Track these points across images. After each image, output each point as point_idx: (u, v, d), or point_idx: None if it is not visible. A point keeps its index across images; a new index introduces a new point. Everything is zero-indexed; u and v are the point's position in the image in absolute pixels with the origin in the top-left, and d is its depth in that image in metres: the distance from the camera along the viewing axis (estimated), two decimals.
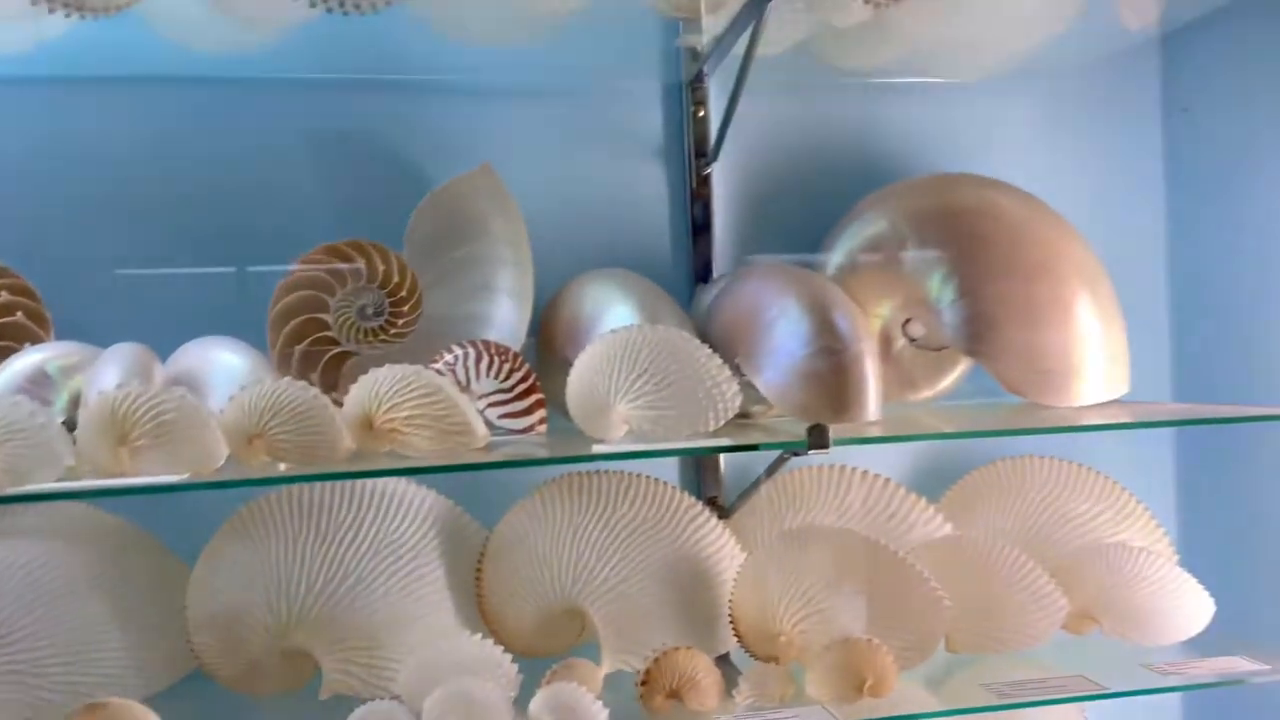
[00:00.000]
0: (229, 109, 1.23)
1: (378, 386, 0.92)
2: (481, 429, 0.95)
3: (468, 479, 1.20)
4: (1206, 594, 1.18)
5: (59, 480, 0.83)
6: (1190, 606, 1.19)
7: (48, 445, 0.82)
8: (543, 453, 1.01)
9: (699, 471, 1.33)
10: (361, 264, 1.14)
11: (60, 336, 1.10)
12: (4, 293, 1.09)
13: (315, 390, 0.89)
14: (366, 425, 0.93)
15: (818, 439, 0.92)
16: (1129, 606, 1.19)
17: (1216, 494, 1.39)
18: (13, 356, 1.04)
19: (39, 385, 0.99)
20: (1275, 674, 1.13)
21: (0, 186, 1.17)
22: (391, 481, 1.15)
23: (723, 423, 0.98)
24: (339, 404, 0.95)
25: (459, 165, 1.23)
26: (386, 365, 0.95)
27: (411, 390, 0.92)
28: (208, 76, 1.20)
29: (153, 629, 1.11)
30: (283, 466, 0.92)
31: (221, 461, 0.87)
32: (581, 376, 1.00)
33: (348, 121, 1.26)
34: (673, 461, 1.33)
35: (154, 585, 1.12)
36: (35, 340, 1.08)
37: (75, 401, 0.98)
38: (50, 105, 1.19)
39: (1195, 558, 1.33)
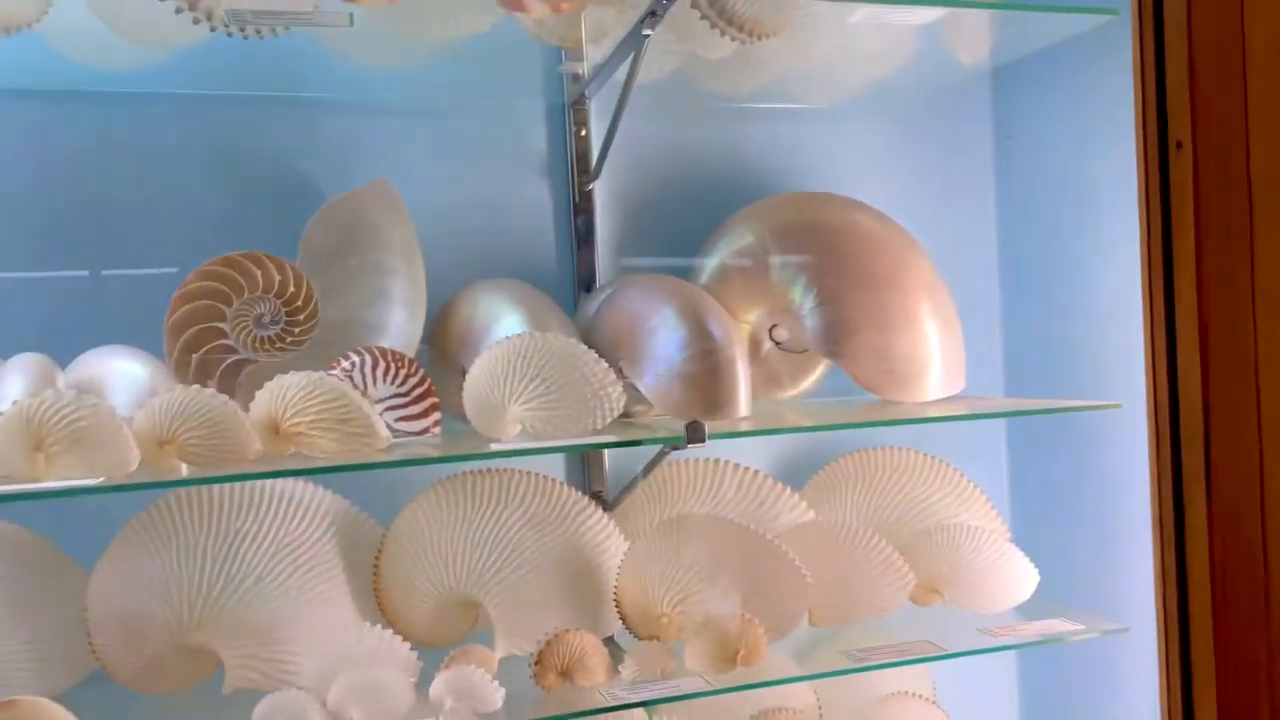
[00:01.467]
0: (128, 124, 1.25)
1: (284, 392, 0.98)
2: (384, 431, 1.01)
3: (365, 480, 1.26)
4: (1033, 566, 1.35)
5: None
6: (1019, 577, 1.35)
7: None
8: (439, 453, 1.08)
9: (584, 468, 1.42)
10: (258, 274, 1.18)
11: None
12: None
13: (225, 397, 0.94)
14: (273, 429, 0.98)
15: (694, 434, 1.02)
16: (967, 579, 1.35)
17: (1042, 476, 1.57)
18: None
19: None
20: (1090, 633, 1.30)
21: None
22: (290, 483, 1.20)
23: (609, 422, 1.07)
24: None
25: (354, 180, 1.29)
26: (291, 372, 1.00)
27: (316, 396, 0.98)
28: (106, 92, 1.22)
29: (51, 632, 1.12)
30: (185, 469, 0.96)
31: (134, 466, 0.91)
32: (477, 380, 1.08)
33: (244, 136, 1.29)
34: (559, 459, 1.41)
35: (52, 590, 1.14)
36: None
37: None
38: None
39: (1025, 533, 1.51)
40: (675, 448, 1.07)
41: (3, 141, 1.20)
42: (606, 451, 1.41)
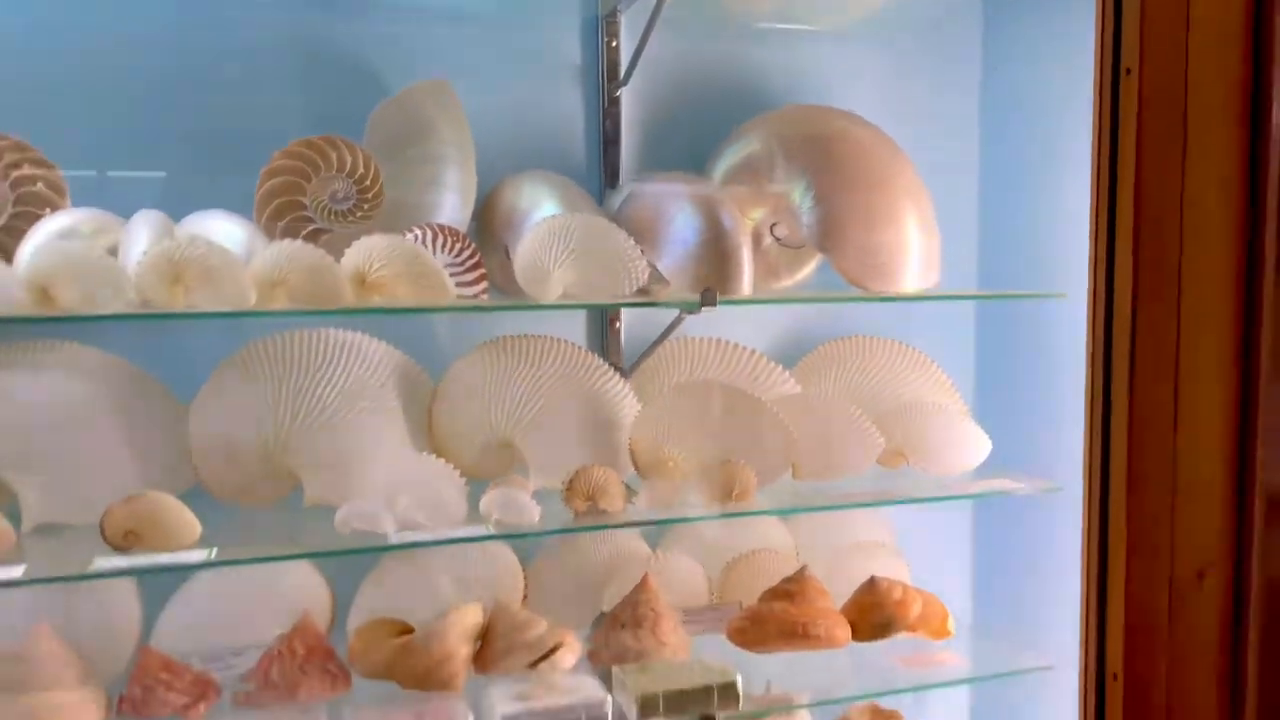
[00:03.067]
0: (216, 18, 1.42)
1: (371, 250, 1.18)
2: (452, 286, 1.22)
3: (420, 340, 1.48)
4: (986, 436, 1.57)
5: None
6: (974, 446, 1.58)
7: (116, 279, 1.04)
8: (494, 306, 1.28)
9: (603, 341, 1.62)
10: (334, 155, 1.37)
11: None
12: (26, 165, 1.27)
13: (323, 251, 1.14)
14: (360, 280, 1.19)
15: (707, 299, 1.23)
16: (929, 446, 1.57)
17: (1006, 361, 1.78)
18: (42, 220, 1.23)
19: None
20: (1030, 489, 1.53)
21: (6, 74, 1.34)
22: (360, 337, 1.41)
23: (636, 287, 1.28)
24: None
25: (410, 77, 1.47)
26: (376, 234, 1.20)
27: (398, 254, 1.18)
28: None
29: (155, 450, 1.34)
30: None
31: (252, 302, 1.12)
32: (528, 251, 1.28)
33: (316, 40, 1.46)
34: (583, 333, 1.62)
35: (155, 414, 1.35)
36: (55, 207, 1.28)
37: (111, 255, 1.19)
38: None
39: (986, 409, 1.73)
40: (690, 312, 1.28)
41: (99, 24, 1.36)
42: (622, 328, 1.62)
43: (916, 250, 1.56)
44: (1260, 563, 1.31)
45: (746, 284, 1.40)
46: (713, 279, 1.38)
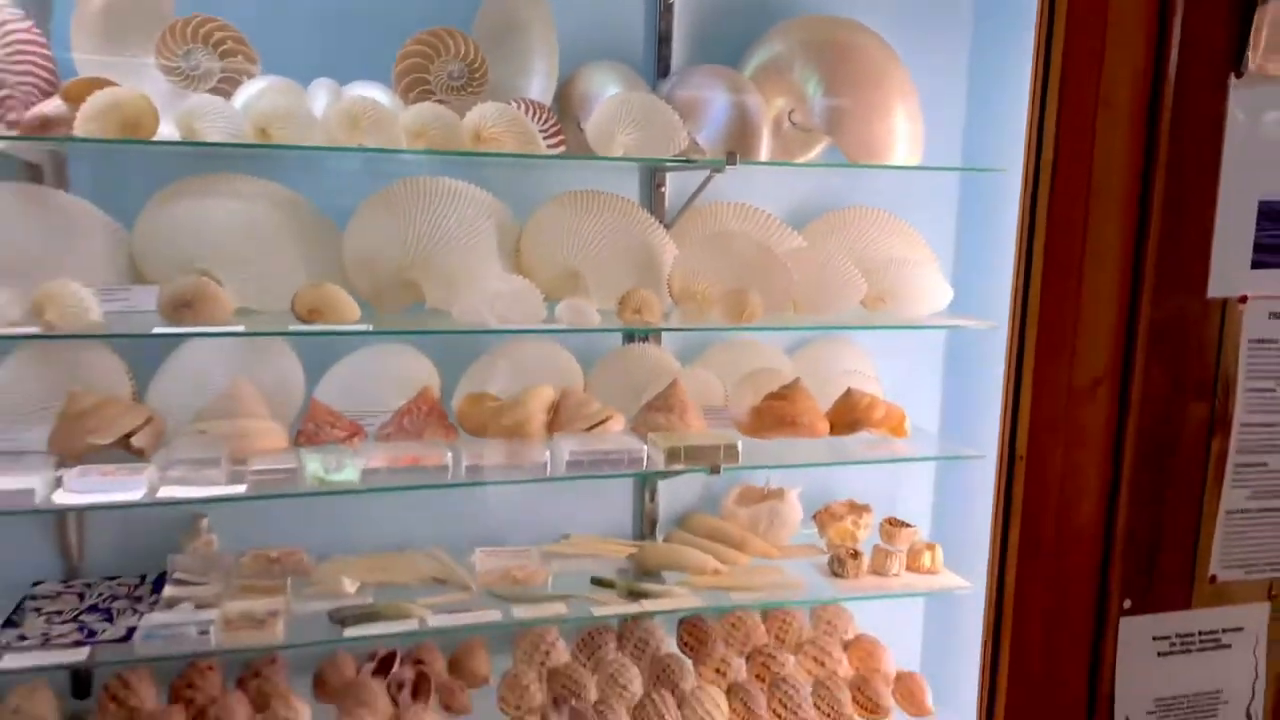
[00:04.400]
0: None
1: (485, 112, 1.62)
2: (543, 143, 1.66)
3: (512, 189, 1.92)
4: (949, 286, 2.00)
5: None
6: (939, 293, 2.00)
7: (313, 125, 1.49)
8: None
9: (650, 199, 2.05)
10: (451, 43, 1.80)
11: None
12: (229, 41, 1.72)
13: (454, 114, 1.58)
14: (476, 136, 1.63)
15: (730, 159, 1.66)
16: (903, 292, 2.00)
17: (985, 227, 2.17)
18: (243, 83, 1.68)
19: None
20: (981, 325, 1.95)
21: None
22: (469, 186, 1.85)
23: (679, 150, 1.71)
24: None
25: None
26: (489, 101, 1.64)
27: (505, 116, 1.62)
28: None
29: (319, 266, 1.81)
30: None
31: (405, 144, 1.57)
32: (598, 119, 1.71)
33: None
34: (635, 192, 2.05)
35: (317, 235, 1.82)
36: (250, 75, 1.72)
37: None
38: None
39: (965, 266, 2.14)
40: (718, 170, 1.71)
41: None
42: (666, 190, 2.05)
43: (903, 135, 1.97)
44: (1141, 379, 1.73)
45: (764, 152, 1.82)
46: (738, 143, 1.80)
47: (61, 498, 1.50)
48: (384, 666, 1.94)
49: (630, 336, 2.08)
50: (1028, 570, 1.78)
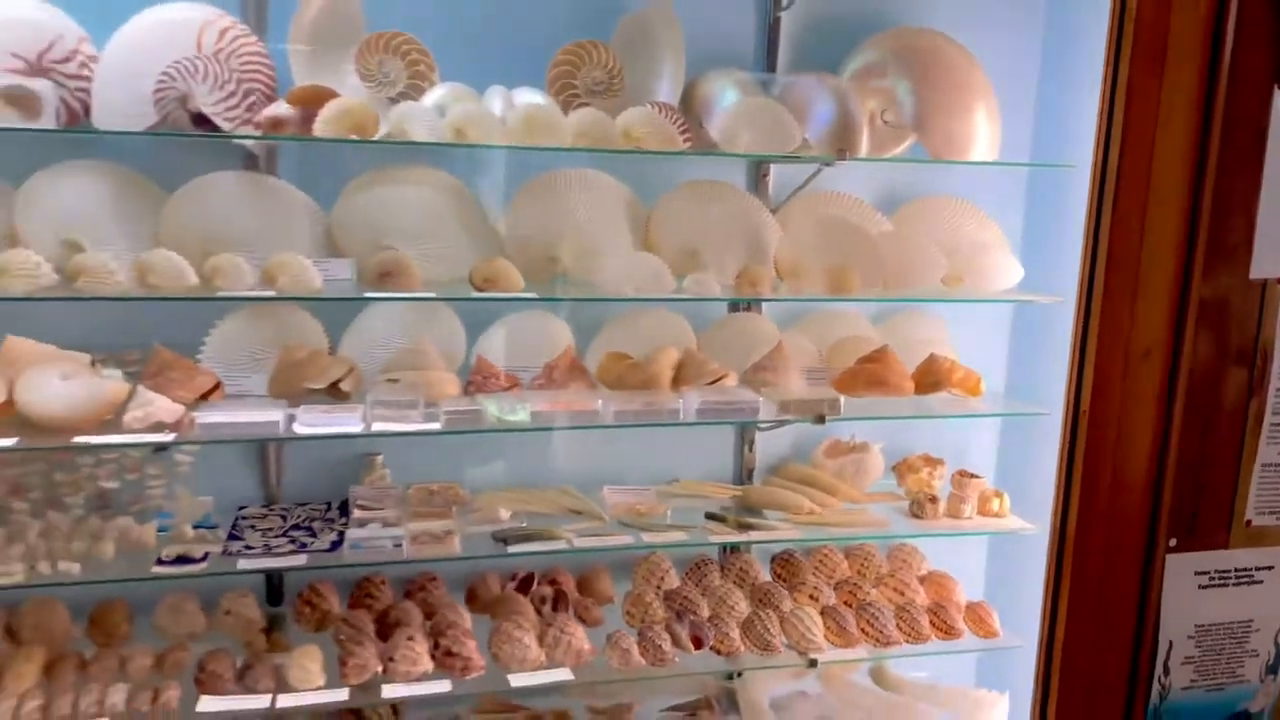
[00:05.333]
0: None
1: (631, 116, 1.93)
2: (680, 140, 1.97)
3: (640, 177, 2.22)
4: (1020, 265, 2.28)
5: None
6: (1011, 272, 2.29)
7: (495, 126, 1.82)
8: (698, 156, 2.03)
9: (757, 187, 2.35)
10: (595, 53, 2.10)
11: None
12: (414, 52, 2.04)
13: (604, 114, 1.89)
14: (626, 134, 1.94)
15: (841, 155, 1.96)
16: (979, 272, 2.29)
17: (1052, 216, 2.45)
18: (427, 89, 2.00)
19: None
20: (1049, 300, 2.23)
21: None
22: (606, 176, 2.16)
23: (794, 147, 2.01)
24: None
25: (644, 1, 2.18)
26: (634, 106, 1.95)
27: (649, 119, 1.93)
28: None
29: (477, 242, 2.13)
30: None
31: (569, 141, 1.88)
32: (727, 120, 2.02)
33: None
34: (743, 180, 2.34)
35: (475, 218, 2.14)
36: (431, 81, 2.04)
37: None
38: None
39: (1029, 245, 2.42)
40: (828, 164, 2.01)
41: None
42: (770, 180, 2.35)
43: (982, 133, 2.25)
44: (1189, 347, 2.00)
45: (863, 148, 2.12)
46: (841, 143, 2.10)
47: (299, 429, 1.84)
48: (524, 585, 2.28)
49: (735, 306, 2.39)
50: (1087, 512, 2.07)
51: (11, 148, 1.90)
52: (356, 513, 2.12)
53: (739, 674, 2.54)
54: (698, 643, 2.11)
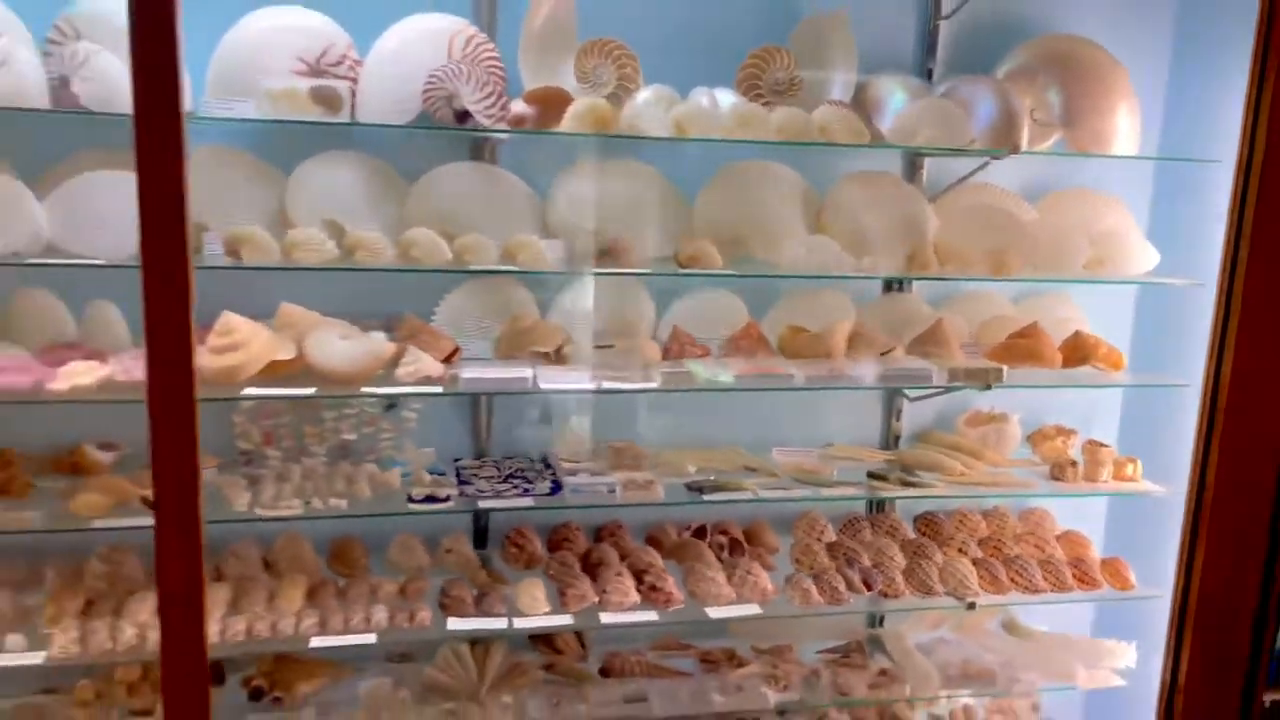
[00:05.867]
0: None
1: (826, 113, 2.17)
2: (867, 134, 2.21)
3: (813, 169, 2.47)
4: (1155, 250, 2.50)
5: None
6: (1147, 257, 2.51)
7: (712, 121, 2.07)
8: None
9: (913, 180, 2.59)
10: (779, 57, 2.35)
11: None
12: (624, 58, 2.29)
13: (798, 111, 2.14)
14: (820, 129, 2.19)
15: (1013, 149, 2.19)
16: (1119, 256, 2.51)
17: (1180, 208, 2.67)
18: (636, 90, 2.26)
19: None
20: (1188, 284, 2.45)
21: None
22: (783, 167, 2.42)
23: (967, 142, 2.25)
24: None
25: (819, 8, 2.42)
26: (824, 104, 2.20)
27: (841, 116, 2.18)
28: None
29: (670, 228, 2.39)
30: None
31: (735, 137, 2.14)
32: (905, 117, 2.26)
33: None
34: (900, 171, 2.58)
35: (671, 204, 2.40)
36: (635, 84, 2.30)
37: None
38: None
39: (1159, 232, 2.64)
40: (997, 157, 2.24)
41: None
42: (925, 171, 2.58)
43: (1123, 129, 2.47)
44: None
45: (1024, 142, 2.35)
46: (1005, 138, 2.33)
47: (543, 384, 2.11)
48: (699, 534, 2.55)
49: (889, 286, 2.63)
50: (1223, 478, 2.29)
51: (280, 139, 2.19)
52: (566, 464, 2.39)
53: (881, 622, 2.79)
54: (867, 586, 2.36)
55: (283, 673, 2.34)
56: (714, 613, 2.23)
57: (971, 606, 2.38)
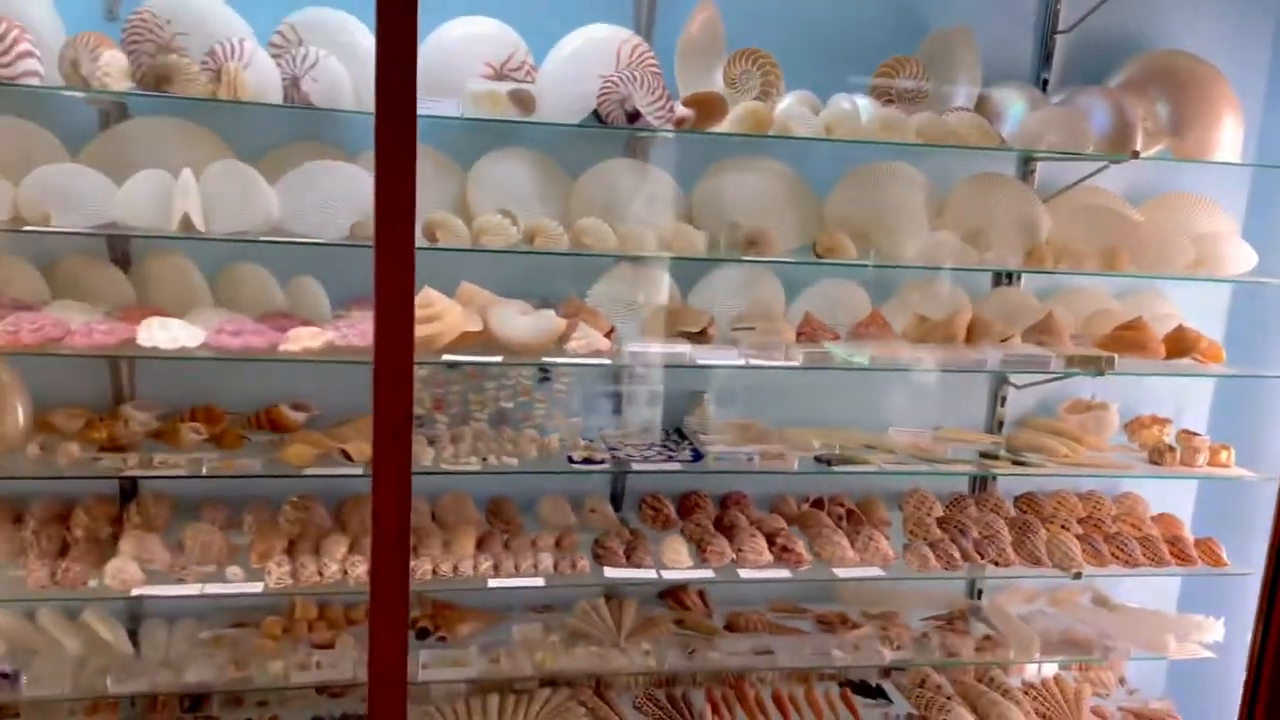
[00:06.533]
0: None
1: (961, 118, 2.38)
2: (998, 139, 2.42)
3: (940, 169, 2.67)
4: (1254, 250, 2.68)
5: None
6: (1245, 258, 2.69)
7: (858, 125, 2.29)
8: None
9: (1025, 182, 2.79)
10: (909, 65, 2.56)
11: None
12: (768, 65, 2.51)
13: (932, 114, 2.35)
14: (955, 134, 2.40)
15: (1134, 155, 2.39)
16: (1218, 258, 2.69)
17: (1272, 206, 2.84)
18: (778, 97, 2.48)
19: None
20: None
21: None
22: (907, 166, 2.62)
23: (1087, 148, 2.44)
24: None
25: (945, 22, 2.62)
26: (955, 110, 2.41)
27: (974, 121, 2.38)
28: None
29: (803, 221, 2.61)
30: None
31: (870, 137, 2.35)
32: (1030, 124, 2.46)
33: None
34: (1013, 174, 2.78)
35: (802, 198, 2.62)
36: (779, 90, 2.52)
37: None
38: None
39: (1257, 239, 2.81)
40: (1117, 161, 2.44)
41: None
42: (1036, 175, 2.78)
43: (1227, 138, 2.65)
44: None
45: (1139, 147, 2.54)
46: (1119, 144, 2.52)
47: (700, 360, 2.35)
48: (817, 505, 2.76)
49: (998, 280, 2.83)
50: None
51: (455, 135, 2.43)
52: (702, 437, 2.62)
53: (980, 595, 3.00)
54: (979, 554, 2.57)
55: (442, 617, 2.60)
56: (841, 573, 2.45)
57: (1077, 576, 2.57)
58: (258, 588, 2.18)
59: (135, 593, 2.14)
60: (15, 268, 2.25)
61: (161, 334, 2.03)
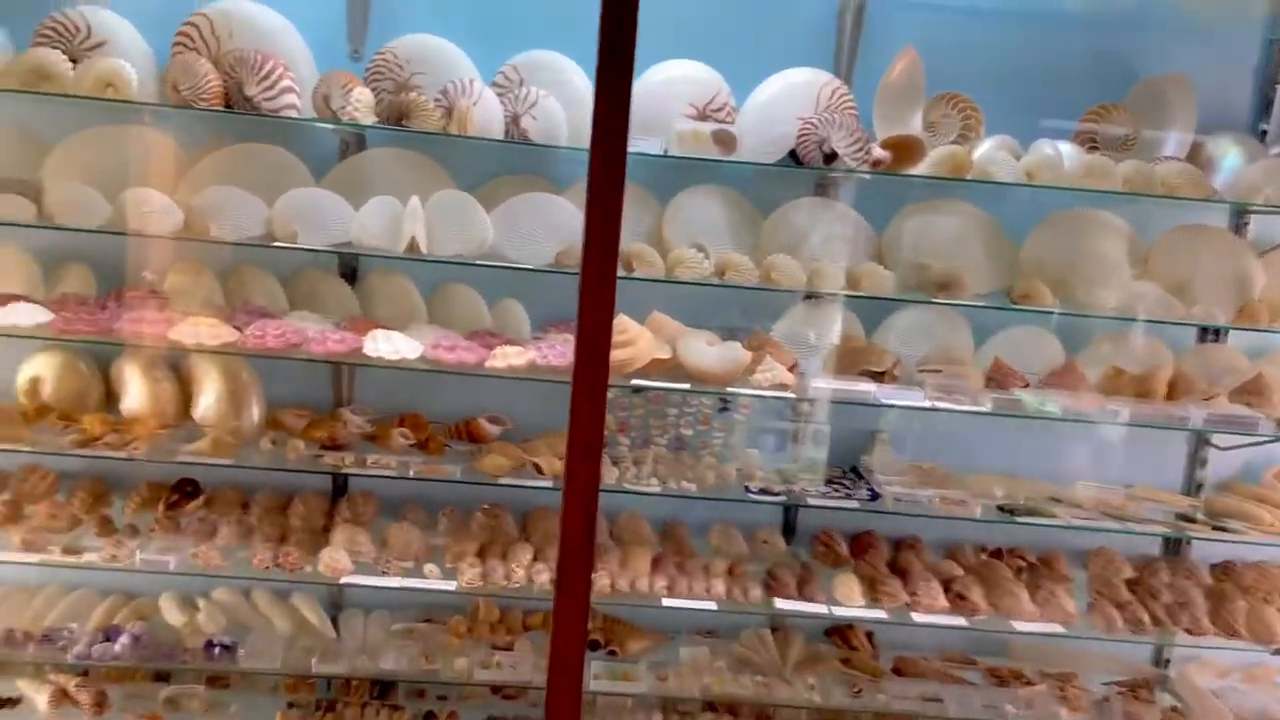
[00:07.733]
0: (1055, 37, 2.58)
1: (1170, 168, 2.31)
2: (1211, 189, 2.33)
3: (1144, 218, 2.59)
4: None
5: None
6: None
7: (1058, 167, 2.27)
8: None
9: (1239, 232, 2.66)
10: (1116, 114, 2.50)
11: None
12: (968, 109, 2.51)
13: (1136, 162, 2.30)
14: (1162, 183, 2.33)
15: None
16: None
17: None
18: (977, 142, 2.47)
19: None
20: None
21: None
22: (1108, 214, 2.56)
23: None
24: None
25: (1160, 70, 2.55)
26: (1161, 164, 2.34)
27: (1182, 171, 2.31)
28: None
29: (997, 262, 2.58)
30: None
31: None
32: (1246, 176, 2.36)
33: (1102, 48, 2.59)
34: (1225, 226, 2.66)
35: (996, 243, 2.59)
36: (977, 133, 2.51)
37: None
38: None
39: None
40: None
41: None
42: (1250, 228, 2.65)
43: None
44: None
45: None
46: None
47: (881, 399, 2.36)
48: (995, 556, 2.71)
49: (1203, 336, 2.71)
50: None
51: (648, 170, 2.54)
52: (880, 476, 2.62)
53: (1166, 665, 2.85)
54: (1171, 620, 2.45)
55: (612, 631, 2.69)
56: (1020, 626, 2.39)
57: (1277, 653, 2.42)
58: (451, 586, 2.34)
59: (344, 580, 2.33)
60: (261, 279, 2.52)
61: (385, 345, 2.22)
